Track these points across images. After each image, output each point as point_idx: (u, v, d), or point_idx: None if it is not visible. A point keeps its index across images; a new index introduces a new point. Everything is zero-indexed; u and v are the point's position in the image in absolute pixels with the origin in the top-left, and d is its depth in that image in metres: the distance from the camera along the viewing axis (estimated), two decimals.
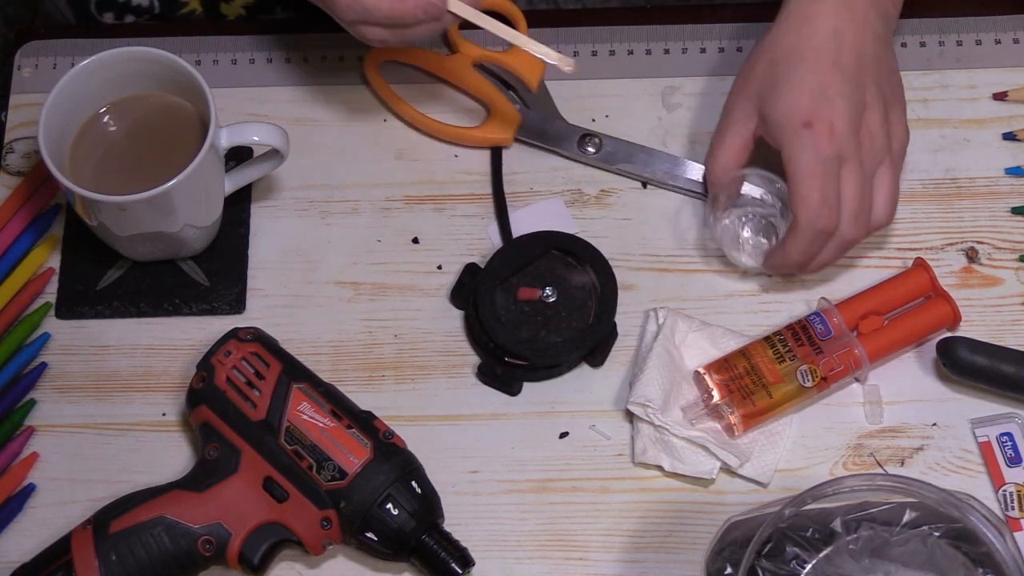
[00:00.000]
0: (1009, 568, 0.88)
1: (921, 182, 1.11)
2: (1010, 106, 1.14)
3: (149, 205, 0.99)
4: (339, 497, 0.95)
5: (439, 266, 1.09)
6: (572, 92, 1.14)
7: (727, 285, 1.08)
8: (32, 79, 1.16)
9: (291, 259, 1.10)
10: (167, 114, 1.05)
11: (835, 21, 1.00)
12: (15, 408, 1.05)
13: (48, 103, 1.01)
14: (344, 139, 1.14)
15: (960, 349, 1.02)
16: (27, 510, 1.02)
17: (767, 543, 0.90)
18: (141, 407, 1.05)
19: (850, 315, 1.04)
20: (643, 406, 1.01)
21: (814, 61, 1.00)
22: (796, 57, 1.01)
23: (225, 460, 0.97)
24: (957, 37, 1.16)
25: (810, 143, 0.98)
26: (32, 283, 1.09)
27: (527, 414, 1.05)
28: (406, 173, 1.13)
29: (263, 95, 1.15)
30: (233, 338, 1.00)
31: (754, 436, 1.02)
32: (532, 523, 1.01)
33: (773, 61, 1.02)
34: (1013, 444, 1.01)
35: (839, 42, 1.00)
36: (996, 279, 1.08)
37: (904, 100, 1.03)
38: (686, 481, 1.02)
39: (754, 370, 1.02)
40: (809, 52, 1.00)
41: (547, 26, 1.17)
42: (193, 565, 0.96)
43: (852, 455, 1.03)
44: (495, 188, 1.11)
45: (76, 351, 1.07)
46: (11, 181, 1.13)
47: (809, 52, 1.00)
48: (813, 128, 0.98)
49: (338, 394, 0.99)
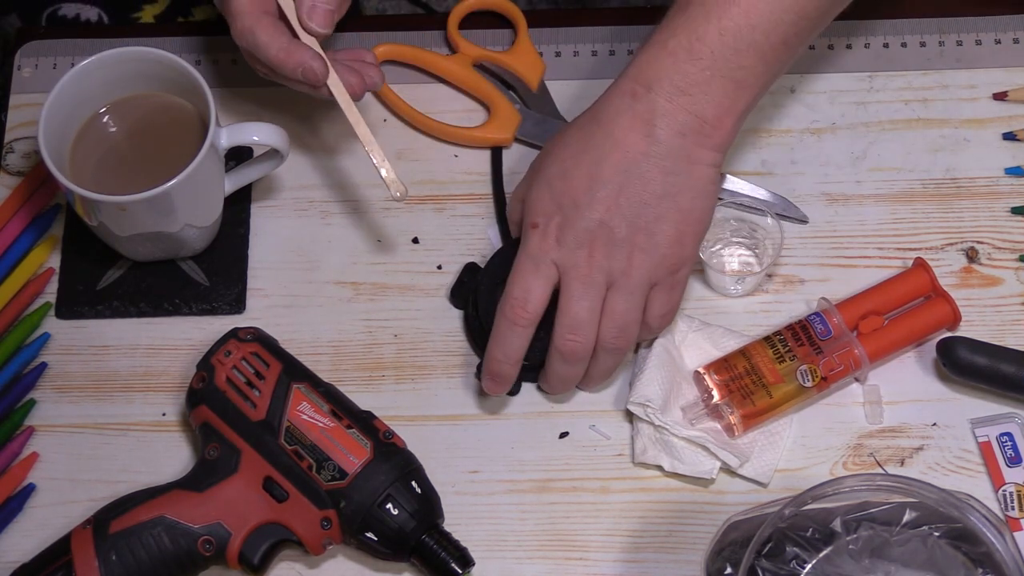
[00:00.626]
0: (1009, 568, 0.88)
1: (921, 182, 1.11)
2: (1010, 106, 1.14)
3: (149, 205, 0.99)
4: (339, 497, 0.95)
5: (439, 266, 1.09)
6: (572, 92, 1.14)
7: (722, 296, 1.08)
8: (32, 79, 1.16)
9: (291, 259, 1.10)
10: (167, 114, 1.05)
11: (614, 129, 0.96)
12: (15, 408, 1.05)
13: (48, 103, 1.01)
14: (344, 139, 1.14)
15: (960, 349, 1.02)
16: (27, 510, 1.02)
17: (767, 543, 0.90)
18: (141, 407, 1.05)
19: (850, 315, 1.04)
20: (643, 406, 1.01)
21: (570, 167, 0.97)
22: (561, 157, 0.98)
23: (225, 460, 0.97)
24: (957, 37, 1.16)
25: (530, 242, 0.97)
26: (32, 283, 1.09)
27: (527, 414, 1.05)
28: (406, 173, 1.12)
29: (263, 95, 1.15)
30: (233, 338, 1.00)
31: (754, 436, 1.02)
32: (532, 523, 1.01)
33: (548, 152, 1.00)
34: (1013, 444, 1.01)
35: (604, 151, 0.96)
36: (996, 279, 1.08)
37: (679, 230, 0.96)
38: (686, 481, 1.02)
39: (754, 370, 1.02)
40: (572, 154, 0.97)
41: (547, 26, 1.17)
42: (193, 565, 0.96)
43: (852, 455, 1.03)
44: (495, 188, 1.11)
45: (76, 351, 1.07)
46: (11, 181, 1.13)
47: (572, 154, 0.97)
48: (537, 230, 0.97)
49: (338, 394, 0.99)
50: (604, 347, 0.98)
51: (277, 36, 0.99)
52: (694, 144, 0.96)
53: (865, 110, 1.14)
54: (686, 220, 0.97)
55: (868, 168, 1.12)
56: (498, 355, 0.99)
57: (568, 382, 1.01)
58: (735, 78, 0.96)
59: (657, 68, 0.96)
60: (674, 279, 0.98)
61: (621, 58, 1.16)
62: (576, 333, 0.97)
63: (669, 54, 0.95)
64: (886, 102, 1.14)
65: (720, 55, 0.95)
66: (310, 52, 0.99)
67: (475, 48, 1.15)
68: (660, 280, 0.98)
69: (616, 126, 0.96)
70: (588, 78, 1.15)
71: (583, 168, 0.96)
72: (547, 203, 0.97)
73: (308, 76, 0.99)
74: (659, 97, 0.95)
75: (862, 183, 1.11)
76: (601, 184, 0.96)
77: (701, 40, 0.95)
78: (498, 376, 1.00)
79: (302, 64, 0.98)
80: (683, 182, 0.96)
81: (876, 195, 1.11)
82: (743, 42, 0.95)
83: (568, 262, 0.97)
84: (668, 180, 0.96)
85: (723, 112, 0.96)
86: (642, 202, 0.96)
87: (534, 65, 1.14)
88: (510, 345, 0.98)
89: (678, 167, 0.96)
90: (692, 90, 0.95)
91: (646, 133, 0.95)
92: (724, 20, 0.95)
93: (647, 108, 0.95)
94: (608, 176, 0.96)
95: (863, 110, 1.14)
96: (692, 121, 0.96)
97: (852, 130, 1.13)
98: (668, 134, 0.95)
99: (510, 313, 0.97)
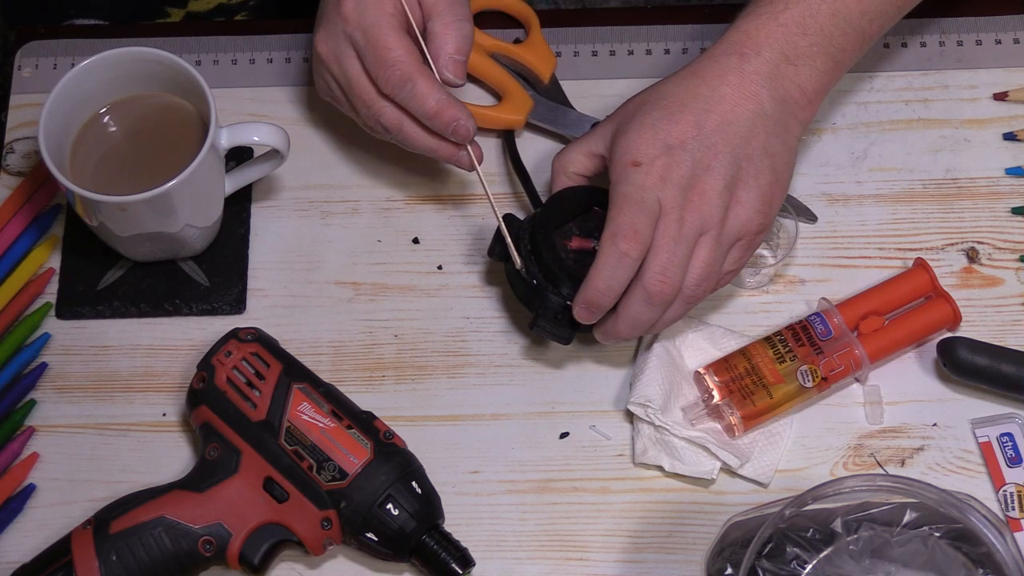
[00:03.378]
0: (1009, 568, 0.88)
1: (921, 182, 1.11)
2: (1010, 106, 1.14)
3: (149, 205, 0.99)
4: (339, 497, 0.95)
5: (439, 266, 1.09)
6: (574, 92, 1.14)
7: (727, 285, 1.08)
8: (32, 79, 1.16)
9: (291, 259, 1.10)
10: (167, 114, 1.05)
11: (720, 85, 0.97)
12: (15, 408, 1.05)
13: (48, 103, 1.01)
14: (344, 139, 1.14)
15: (960, 349, 1.02)
16: (27, 510, 1.02)
17: (767, 543, 0.90)
18: (141, 407, 1.05)
19: (850, 315, 1.04)
20: (643, 406, 1.01)
21: (675, 112, 0.97)
22: (661, 104, 0.98)
23: (225, 460, 0.97)
24: (957, 37, 1.16)
25: (633, 179, 0.96)
26: (32, 283, 1.09)
27: (527, 414, 1.05)
28: (406, 173, 1.12)
29: (263, 95, 1.15)
30: (233, 338, 1.00)
31: (754, 436, 1.02)
32: (532, 523, 1.01)
33: (644, 101, 0.99)
34: (1013, 444, 1.01)
35: (710, 103, 0.97)
36: (996, 279, 1.08)
37: (771, 191, 0.98)
38: (686, 481, 1.02)
39: (754, 370, 1.02)
40: (675, 103, 0.97)
41: (547, 26, 1.17)
42: (193, 565, 0.96)
43: (852, 455, 1.03)
44: (515, 164, 1.10)
45: (76, 351, 1.07)
46: (11, 181, 1.13)
47: (675, 103, 0.97)
48: (640, 168, 0.96)
49: (338, 394, 0.99)
50: (682, 294, 0.98)
51: (437, 88, 1.00)
52: (790, 114, 0.99)
53: (865, 110, 1.14)
54: (778, 182, 0.99)
55: (868, 168, 1.12)
56: (601, 286, 0.96)
57: (641, 327, 0.99)
58: (836, 58, 1.00)
59: (767, 35, 0.98)
60: (753, 240, 0.99)
61: (622, 59, 1.16)
62: (666, 274, 0.96)
63: (780, 25, 0.98)
64: (886, 102, 1.14)
65: (829, 34, 0.99)
66: (465, 111, 1.00)
67: (489, 39, 1.15)
68: (744, 237, 0.98)
69: (723, 82, 0.97)
70: (589, 78, 1.15)
71: (689, 116, 0.97)
72: (650, 143, 0.96)
73: (459, 133, 1.00)
74: (767, 62, 0.98)
75: (862, 183, 1.11)
76: (708, 132, 0.96)
77: (814, 17, 0.98)
78: (596, 306, 0.98)
79: (456, 120, 1.00)
80: (780, 146, 0.98)
81: (876, 195, 1.11)
82: (851, 25, 1.00)
83: (670, 202, 0.96)
84: (769, 141, 0.98)
85: (820, 88, 1.00)
86: (746, 156, 0.97)
87: (546, 58, 1.14)
88: (614, 277, 0.96)
89: (777, 130, 0.98)
90: (798, 62, 0.98)
91: (753, 93, 0.97)
92: (838, 2, 0.99)
93: (755, 69, 0.97)
94: (715, 126, 0.97)
95: (863, 110, 1.14)
96: (794, 91, 0.98)
97: (852, 130, 1.13)
98: (772, 98, 0.98)
99: (623, 244, 0.95)
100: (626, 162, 0.96)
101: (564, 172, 1.03)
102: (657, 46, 1.17)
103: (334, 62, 1.02)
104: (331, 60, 1.02)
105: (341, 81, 1.02)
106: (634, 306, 0.97)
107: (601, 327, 1.00)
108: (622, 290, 0.97)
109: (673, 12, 1.19)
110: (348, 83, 1.02)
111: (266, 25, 1.20)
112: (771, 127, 0.98)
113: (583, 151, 1.02)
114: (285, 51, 1.17)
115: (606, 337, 1.00)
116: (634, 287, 0.96)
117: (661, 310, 0.97)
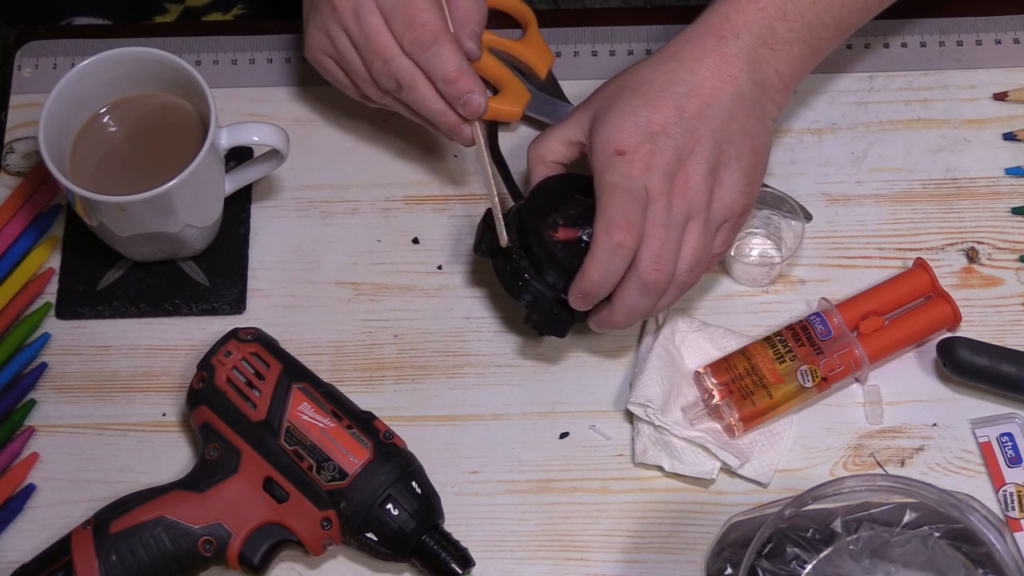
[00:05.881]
0: (1009, 568, 0.88)
1: (921, 182, 1.11)
2: (1010, 106, 1.14)
3: (149, 205, 0.99)
4: (339, 497, 0.95)
5: (439, 266, 1.09)
6: (573, 92, 1.14)
7: (727, 285, 1.08)
8: (32, 79, 1.16)
9: (291, 259, 1.10)
10: (167, 114, 1.05)
11: (699, 68, 0.97)
12: (15, 408, 1.05)
13: (48, 103, 1.01)
14: (344, 139, 1.14)
15: (960, 349, 1.02)
16: (27, 510, 1.02)
17: (767, 543, 0.90)
18: (141, 407, 1.05)
19: (850, 315, 1.04)
20: (643, 406, 1.01)
21: (654, 97, 0.97)
22: (641, 89, 0.98)
23: (225, 460, 0.97)
24: (957, 37, 1.16)
25: (619, 168, 0.96)
26: (32, 283, 1.09)
27: (527, 414, 1.05)
28: (406, 173, 1.12)
29: (263, 95, 1.15)
30: (233, 338, 1.00)
31: (754, 436, 1.02)
32: (532, 523, 1.01)
33: (622, 87, 0.99)
34: (1013, 444, 1.01)
35: (690, 87, 0.96)
36: (996, 279, 1.08)
37: (752, 172, 0.98)
38: (686, 481, 1.02)
39: (754, 370, 1.02)
40: (654, 88, 0.97)
41: (547, 26, 1.17)
42: (193, 565, 0.96)
43: (852, 455, 1.03)
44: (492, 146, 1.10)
45: (76, 351, 1.07)
46: (11, 181, 1.13)
47: (654, 88, 0.97)
48: (624, 157, 0.96)
49: (338, 394, 0.99)
50: (676, 280, 0.98)
51: (460, 55, 1.00)
52: (767, 97, 0.99)
53: (865, 110, 1.14)
54: (759, 163, 0.99)
55: (868, 168, 1.12)
56: (597, 277, 0.96)
57: (638, 315, 0.99)
58: (814, 46, 1.00)
59: (746, 19, 0.98)
60: (738, 221, 0.99)
61: (621, 58, 1.16)
62: (660, 262, 0.96)
63: (760, 9, 0.98)
64: (886, 102, 1.14)
65: (808, 21, 0.99)
66: (481, 86, 1.01)
67: (488, 34, 1.15)
68: (730, 219, 0.98)
69: (702, 65, 0.97)
70: (589, 78, 1.15)
71: (669, 101, 0.97)
72: (632, 132, 0.96)
73: (471, 104, 1.00)
74: (745, 45, 0.98)
75: (862, 183, 1.11)
76: (689, 117, 0.96)
77: (795, 3, 0.99)
78: (590, 296, 0.98)
79: (471, 91, 1.00)
80: (758, 127, 0.99)
81: (876, 195, 1.11)
82: (830, 15, 1.00)
83: (656, 189, 0.96)
84: (749, 123, 0.98)
85: (795, 73, 1.00)
86: (727, 138, 0.97)
87: (543, 55, 1.15)
88: (610, 268, 0.96)
89: (756, 112, 0.98)
90: (776, 46, 0.99)
91: (732, 75, 0.97)
92: None
93: (734, 52, 0.97)
94: (695, 110, 0.96)
95: (863, 110, 1.14)
96: (771, 75, 0.99)
97: (852, 130, 1.13)
98: (751, 81, 0.98)
99: (617, 235, 0.95)
100: (609, 151, 0.96)
101: (542, 161, 1.03)
102: (657, 46, 1.16)
103: (351, 15, 1.00)
104: (347, 12, 1.01)
105: (355, 34, 1.01)
106: (630, 295, 0.97)
107: (596, 317, 1.00)
108: (618, 279, 0.97)
109: (673, 12, 1.19)
110: (365, 36, 1.01)
111: (266, 25, 1.20)
112: (750, 109, 0.98)
113: (560, 139, 1.02)
114: (285, 51, 1.17)
115: (602, 327, 1.00)
116: (629, 277, 0.96)
117: (656, 297, 0.97)
